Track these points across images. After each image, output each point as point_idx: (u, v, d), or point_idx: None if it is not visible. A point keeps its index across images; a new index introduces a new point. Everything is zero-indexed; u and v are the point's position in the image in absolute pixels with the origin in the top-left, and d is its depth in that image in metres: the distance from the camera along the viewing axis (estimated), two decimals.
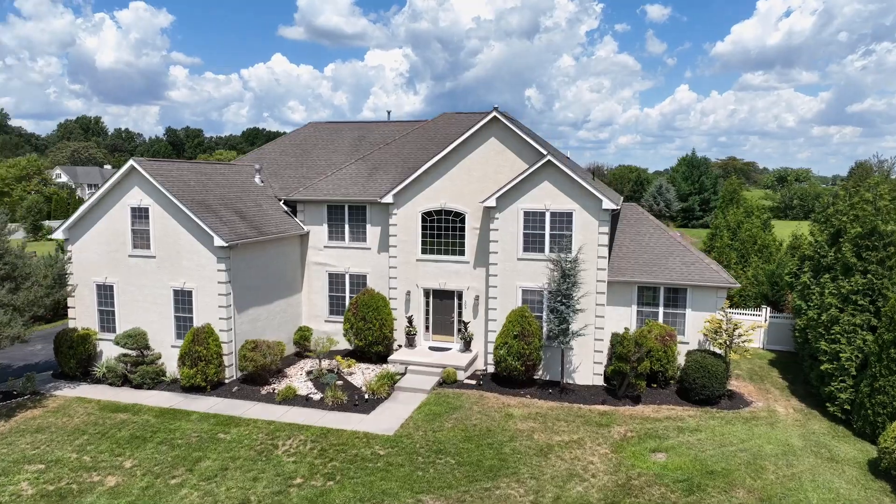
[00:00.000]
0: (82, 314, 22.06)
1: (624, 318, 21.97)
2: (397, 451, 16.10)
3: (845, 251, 18.98)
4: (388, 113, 29.49)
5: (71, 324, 22.26)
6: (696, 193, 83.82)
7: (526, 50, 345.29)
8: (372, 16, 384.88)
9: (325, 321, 25.00)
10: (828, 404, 19.04)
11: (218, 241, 19.84)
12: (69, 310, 22.19)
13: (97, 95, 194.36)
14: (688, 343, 21.66)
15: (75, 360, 21.05)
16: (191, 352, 19.65)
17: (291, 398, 19.30)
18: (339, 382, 20.66)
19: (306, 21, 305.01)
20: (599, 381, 21.27)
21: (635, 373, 19.74)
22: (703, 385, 19.61)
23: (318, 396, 19.52)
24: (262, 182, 25.81)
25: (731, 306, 32.31)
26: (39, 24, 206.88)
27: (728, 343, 20.34)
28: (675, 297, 21.82)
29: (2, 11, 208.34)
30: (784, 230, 42.45)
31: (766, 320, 27.02)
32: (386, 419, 18.00)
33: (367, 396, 19.40)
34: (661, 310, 22.00)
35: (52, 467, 15.30)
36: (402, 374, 21.45)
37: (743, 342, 20.14)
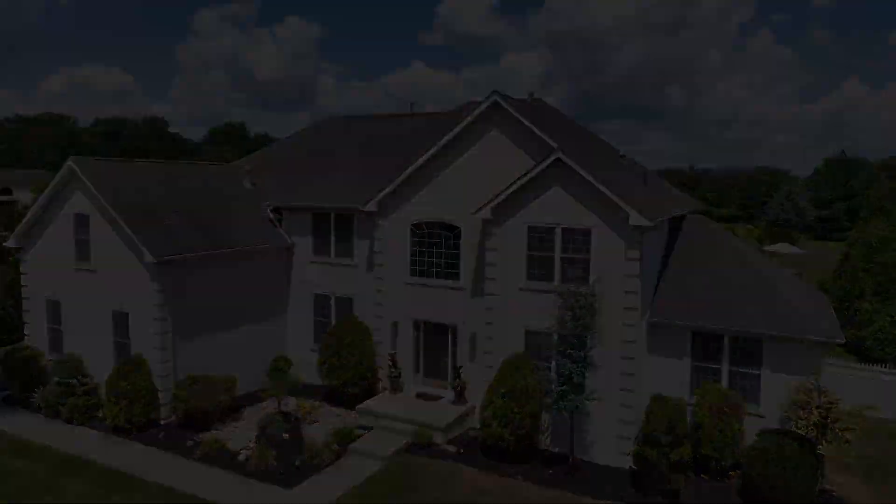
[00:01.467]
0: (36, 333, 19.92)
1: (672, 376, 15.98)
2: None
3: None
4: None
5: (26, 342, 20.23)
6: (843, 200, 70.63)
7: (669, 46, 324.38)
8: (509, 19, 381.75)
9: (311, 350, 21.09)
10: None
11: (147, 257, 16.62)
12: (24, 325, 20.19)
13: (256, 104, 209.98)
14: (763, 417, 15.22)
15: (18, 383, 18.86)
16: (115, 386, 16.61)
17: (214, 454, 15.50)
18: (286, 435, 16.57)
19: (445, 27, 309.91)
20: (626, 462, 15.41)
21: (668, 462, 13.78)
22: (773, 486, 13.25)
23: (246, 455, 15.57)
24: (253, 185, 22.53)
25: (860, 359, 24.17)
26: (210, 41, 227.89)
27: (821, 425, 13.75)
28: (747, 350, 15.49)
29: (183, 33, 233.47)
30: None
31: None
32: (306, 500, 13.63)
33: (298, 462, 15.08)
34: (724, 367, 15.75)
35: None
36: (369, 429, 16.97)
37: (841, 429, 13.45)
